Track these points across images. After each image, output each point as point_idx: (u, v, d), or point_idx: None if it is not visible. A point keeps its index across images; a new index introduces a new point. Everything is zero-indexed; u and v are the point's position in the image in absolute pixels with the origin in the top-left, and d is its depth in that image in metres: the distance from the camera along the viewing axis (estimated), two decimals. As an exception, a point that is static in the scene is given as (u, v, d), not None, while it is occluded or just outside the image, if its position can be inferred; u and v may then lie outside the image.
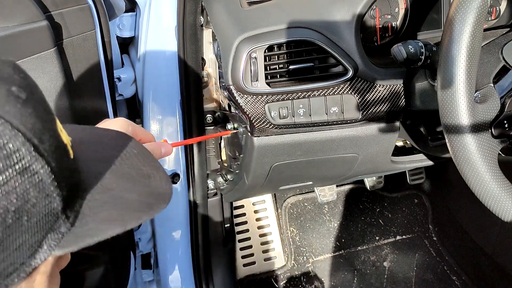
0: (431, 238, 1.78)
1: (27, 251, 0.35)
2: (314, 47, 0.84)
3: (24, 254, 0.35)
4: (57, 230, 0.37)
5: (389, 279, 1.65)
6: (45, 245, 0.36)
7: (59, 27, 0.83)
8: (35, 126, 0.34)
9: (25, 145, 0.33)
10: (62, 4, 0.82)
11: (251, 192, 1.14)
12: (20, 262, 0.35)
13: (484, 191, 0.70)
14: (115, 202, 0.41)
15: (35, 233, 0.35)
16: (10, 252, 0.33)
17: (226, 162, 1.20)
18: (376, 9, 0.99)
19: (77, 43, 0.86)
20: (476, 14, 0.66)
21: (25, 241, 0.34)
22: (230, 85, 0.86)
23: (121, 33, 1.12)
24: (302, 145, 0.94)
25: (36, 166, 0.34)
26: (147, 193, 0.44)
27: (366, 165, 1.05)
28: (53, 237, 0.36)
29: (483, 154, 0.69)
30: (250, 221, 1.68)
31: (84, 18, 0.86)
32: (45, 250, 0.36)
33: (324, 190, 1.48)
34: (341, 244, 1.73)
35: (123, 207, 0.41)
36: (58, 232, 0.37)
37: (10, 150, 0.32)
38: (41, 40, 0.78)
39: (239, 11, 0.88)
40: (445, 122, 0.70)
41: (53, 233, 0.36)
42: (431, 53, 0.76)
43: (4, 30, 0.75)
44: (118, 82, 1.10)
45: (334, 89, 0.86)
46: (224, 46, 0.87)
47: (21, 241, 0.34)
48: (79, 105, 0.89)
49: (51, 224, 0.36)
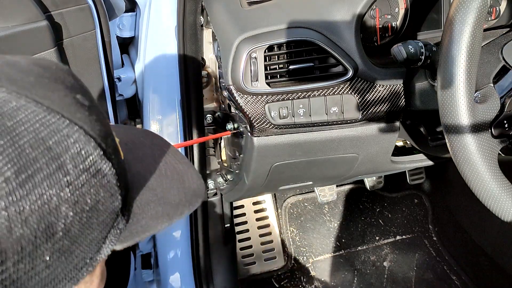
0: (431, 238, 1.78)
1: (95, 247, 0.38)
2: (314, 47, 0.84)
3: (93, 249, 0.38)
4: (116, 227, 0.40)
5: (389, 279, 1.65)
6: (107, 241, 0.39)
7: (59, 27, 0.83)
8: (101, 131, 0.37)
9: (96, 150, 0.36)
10: (62, 4, 0.82)
11: (251, 192, 1.14)
12: (90, 257, 0.38)
13: (484, 191, 0.70)
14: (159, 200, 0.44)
15: (102, 230, 0.38)
16: (83, 247, 0.36)
17: (226, 162, 1.20)
18: (376, 9, 0.99)
19: (77, 43, 0.86)
20: (476, 14, 0.66)
21: (94, 238, 0.37)
22: (230, 85, 0.86)
23: (121, 33, 1.12)
24: (302, 145, 0.94)
25: (105, 168, 0.37)
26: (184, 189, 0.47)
27: (366, 165, 1.05)
28: (114, 233, 0.40)
29: (483, 154, 0.69)
30: (250, 221, 1.68)
31: (84, 18, 0.86)
32: (108, 245, 0.39)
33: (324, 190, 1.48)
34: (341, 244, 1.73)
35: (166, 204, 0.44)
36: (117, 228, 0.40)
37: (85, 154, 0.35)
38: (41, 40, 0.78)
39: (239, 11, 0.88)
40: (445, 122, 0.70)
41: (114, 230, 0.40)
42: (431, 53, 0.76)
43: (4, 30, 0.75)
44: (118, 82, 1.10)
45: (334, 89, 0.86)
46: (224, 46, 0.87)
47: (92, 238, 0.37)
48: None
49: (113, 221, 0.39)
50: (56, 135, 0.33)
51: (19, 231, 0.31)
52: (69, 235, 0.34)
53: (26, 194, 0.31)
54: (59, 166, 0.33)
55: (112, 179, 0.38)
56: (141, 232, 0.42)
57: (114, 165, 0.38)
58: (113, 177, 0.38)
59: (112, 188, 0.38)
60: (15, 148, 0.31)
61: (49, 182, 0.32)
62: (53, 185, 0.33)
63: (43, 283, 0.33)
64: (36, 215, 0.32)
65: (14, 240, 0.31)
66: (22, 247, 0.31)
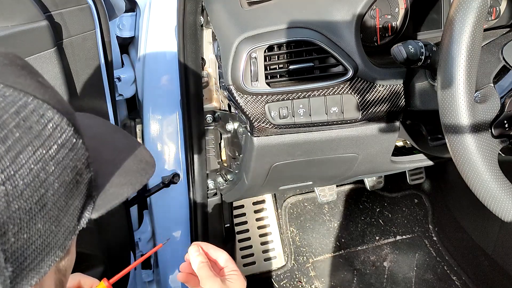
0: (431, 238, 1.78)
1: (76, 215, 0.41)
2: (314, 47, 0.84)
3: (75, 217, 0.41)
4: (91, 197, 0.44)
5: (389, 279, 1.65)
6: (85, 210, 0.43)
7: (59, 27, 0.83)
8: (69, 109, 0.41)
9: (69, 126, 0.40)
10: (62, 4, 0.82)
11: (251, 192, 1.14)
12: (73, 225, 0.41)
13: (484, 191, 0.70)
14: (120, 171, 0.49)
15: (81, 199, 0.42)
16: (68, 216, 0.40)
17: (226, 162, 1.20)
18: (376, 9, 0.99)
19: (77, 43, 0.86)
20: (476, 14, 0.66)
21: (76, 206, 0.41)
22: (230, 85, 0.86)
23: (121, 33, 1.12)
24: (302, 145, 0.94)
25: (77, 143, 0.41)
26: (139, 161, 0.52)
27: (366, 165, 1.05)
28: (90, 202, 0.44)
29: (483, 154, 0.69)
30: (250, 221, 1.68)
31: (84, 18, 0.86)
32: (85, 214, 0.43)
33: (324, 190, 1.48)
34: (341, 244, 1.73)
35: (127, 174, 0.49)
36: (92, 198, 0.44)
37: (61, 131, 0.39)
38: (41, 40, 0.78)
39: (239, 11, 0.88)
40: (445, 122, 0.70)
41: (89, 200, 0.44)
42: (431, 53, 0.76)
43: (4, 30, 0.75)
44: (118, 82, 1.10)
45: (334, 89, 0.86)
46: (224, 46, 0.87)
47: (74, 207, 0.41)
48: (79, 105, 0.89)
49: (90, 191, 0.43)
50: (34, 115, 0.37)
51: (16, 204, 0.34)
52: (57, 205, 0.38)
53: (18, 169, 0.34)
54: (41, 143, 0.37)
55: (85, 152, 0.42)
56: (111, 200, 0.45)
57: (83, 140, 0.42)
58: (85, 151, 0.42)
59: (87, 160, 0.42)
60: (2, 131, 0.34)
61: (35, 158, 0.36)
62: (39, 160, 0.36)
63: (38, 251, 0.37)
64: (30, 188, 0.35)
65: (13, 213, 0.34)
66: (20, 218, 0.34)
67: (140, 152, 0.54)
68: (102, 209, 0.45)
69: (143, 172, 0.51)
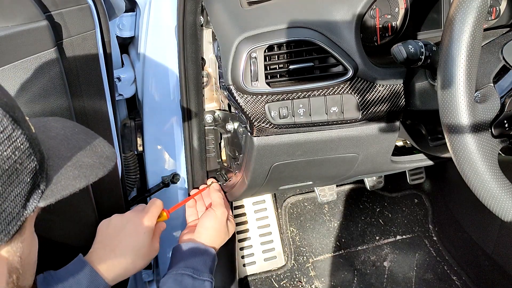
0: (431, 238, 1.78)
1: (19, 203, 0.45)
2: (314, 47, 0.84)
3: (18, 204, 0.45)
4: (37, 186, 0.48)
5: (389, 279, 1.65)
6: (31, 199, 0.47)
7: (59, 27, 0.83)
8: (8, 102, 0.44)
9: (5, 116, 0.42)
10: (62, 4, 0.82)
11: (251, 192, 1.14)
12: (16, 212, 0.44)
13: (484, 191, 0.70)
14: (74, 165, 0.53)
15: (23, 187, 0.45)
16: (8, 203, 0.43)
17: (226, 162, 1.20)
18: (376, 9, 0.99)
19: (77, 43, 0.86)
20: (476, 14, 0.66)
21: (18, 194, 0.44)
22: (230, 85, 0.86)
23: (121, 33, 1.12)
24: (302, 145, 0.94)
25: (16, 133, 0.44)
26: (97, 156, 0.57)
27: (366, 165, 1.05)
28: (36, 191, 0.47)
29: (483, 154, 0.69)
30: (250, 221, 1.68)
31: (84, 18, 0.85)
32: (32, 202, 0.47)
33: (324, 190, 1.48)
34: (341, 244, 1.73)
35: (82, 167, 0.53)
36: (39, 188, 0.48)
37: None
38: (41, 40, 0.78)
39: (239, 11, 0.88)
40: (445, 122, 0.70)
41: (36, 189, 0.47)
42: (431, 53, 0.76)
43: (4, 30, 0.75)
44: (118, 82, 1.10)
45: (334, 89, 0.86)
46: (224, 46, 0.87)
47: (15, 194, 0.44)
48: (79, 105, 0.89)
49: (34, 181, 0.47)
50: None
51: None
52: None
53: None
54: None
55: (26, 143, 0.45)
56: (61, 190, 0.49)
57: (24, 132, 0.45)
58: (26, 141, 0.45)
59: (27, 150, 0.45)
60: None
61: None
62: None
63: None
64: None
65: None
66: None
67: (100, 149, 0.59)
68: (51, 198, 0.49)
69: (100, 166, 0.55)
